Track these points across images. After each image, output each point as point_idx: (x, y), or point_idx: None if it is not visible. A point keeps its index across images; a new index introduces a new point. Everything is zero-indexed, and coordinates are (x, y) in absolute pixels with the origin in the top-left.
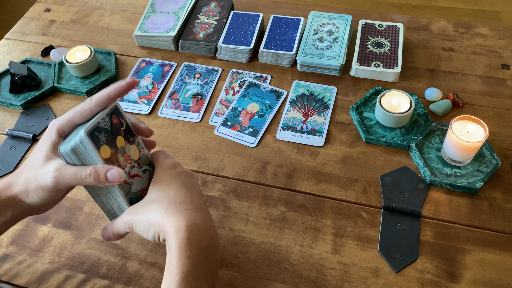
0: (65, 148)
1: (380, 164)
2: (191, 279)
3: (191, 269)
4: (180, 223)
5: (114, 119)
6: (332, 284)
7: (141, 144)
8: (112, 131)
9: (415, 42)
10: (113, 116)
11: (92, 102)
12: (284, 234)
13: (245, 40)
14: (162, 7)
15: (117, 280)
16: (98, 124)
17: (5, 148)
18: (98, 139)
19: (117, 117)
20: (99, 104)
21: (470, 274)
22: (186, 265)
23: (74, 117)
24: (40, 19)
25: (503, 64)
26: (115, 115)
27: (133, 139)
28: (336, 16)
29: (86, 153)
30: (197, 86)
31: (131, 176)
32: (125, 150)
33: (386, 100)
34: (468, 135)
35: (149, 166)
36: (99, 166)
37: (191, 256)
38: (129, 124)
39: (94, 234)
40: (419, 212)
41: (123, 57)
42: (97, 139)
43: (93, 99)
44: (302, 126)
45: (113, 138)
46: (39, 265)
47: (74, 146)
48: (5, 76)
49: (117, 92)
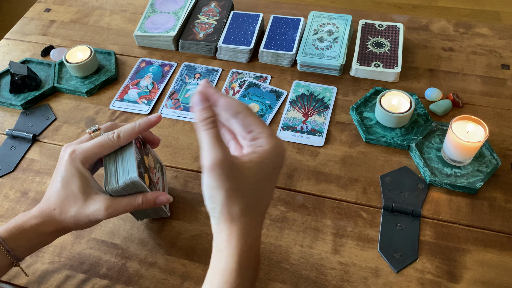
0: (114, 188)
1: (380, 164)
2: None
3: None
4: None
5: (137, 143)
6: (332, 284)
7: (149, 147)
8: (141, 156)
9: (415, 42)
10: (136, 141)
11: (121, 140)
12: (284, 234)
13: (245, 40)
14: (162, 7)
15: (117, 280)
16: (137, 159)
17: (5, 148)
18: (142, 174)
19: (138, 140)
20: (127, 141)
21: (470, 274)
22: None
23: (101, 151)
24: (40, 19)
25: (503, 64)
26: (136, 139)
27: (147, 150)
28: (336, 16)
29: (135, 188)
30: (197, 86)
31: (157, 182)
32: (150, 165)
33: (386, 100)
34: (468, 135)
35: (158, 163)
36: (149, 195)
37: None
38: (143, 140)
39: (94, 234)
40: (419, 212)
41: (123, 57)
42: (142, 174)
43: (122, 137)
44: (302, 126)
45: (144, 162)
46: (39, 265)
47: (124, 186)
48: (5, 76)
49: (146, 127)
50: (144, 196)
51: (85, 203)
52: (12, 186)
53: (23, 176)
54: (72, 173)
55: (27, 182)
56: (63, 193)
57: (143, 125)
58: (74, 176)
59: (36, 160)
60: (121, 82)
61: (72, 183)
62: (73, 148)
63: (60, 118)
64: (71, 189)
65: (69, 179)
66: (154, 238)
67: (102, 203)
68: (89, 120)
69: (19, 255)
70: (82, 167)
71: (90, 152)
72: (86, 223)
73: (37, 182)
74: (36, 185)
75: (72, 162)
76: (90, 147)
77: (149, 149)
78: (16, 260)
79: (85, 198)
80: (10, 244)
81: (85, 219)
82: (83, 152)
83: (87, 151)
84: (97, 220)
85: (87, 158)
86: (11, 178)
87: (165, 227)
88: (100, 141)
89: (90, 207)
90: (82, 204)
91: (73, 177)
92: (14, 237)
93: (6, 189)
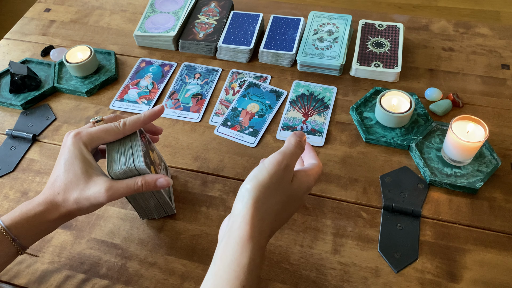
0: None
1: (380, 164)
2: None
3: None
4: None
5: (142, 138)
6: (332, 284)
7: (153, 145)
8: (147, 149)
9: (415, 42)
10: (141, 136)
11: (126, 128)
12: (284, 234)
13: (245, 40)
14: (162, 7)
15: (117, 280)
16: (142, 150)
17: (5, 148)
18: (148, 164)
19: (143, 135)
20: (133, 130)
21: (470, 274)
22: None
23: (105, 137)
24: (40, 19)
25: (503, 64)
26: (141, 134)
27: (152, 146)
28: (336, 16)
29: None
30: (197, 86)
31: None
32: (155, 160)
33: (386, 100)
34: (468, 135)
35: (163, 162)
36: (148, 177)
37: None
38: (147, 136)
39: (94, 234)
40: (419, 212)
41: (123, 57)
42: (148, 164)
43: (127, 125)
44: (302, 126)
45: (149, 155)
46: (39, 265)
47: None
48: (5, 76)
49: (151, 118)
50: (144, 178)
51: (86, 185)
52: (12, 186)
53: (23, 176)
54: (75, 154)
55: (27, 182)
56: (66, 176)
57: (148, 115)
58: (76, 158)
59: (36, 160)
60: (121, 82)
61: (75, 165)
62: (78, 130)
63: (60, 118)
64: (74, 171)
65: (72, 161)
66: (154, 238)
67: (103, 185)
68: (89, 120)
69: (25, 243)
70: (85, 149)
71: (95, 135)
72: (88, 206)
73: (37, 182)
74: (36, 185)
75: (76, 143)
76: (96, 130)
77: (154, 148)
78: (21, 248)
79: (87, 180)
80: (15, 232)
81: (86, 202)
82: (88, 134)
83: (91, 133)
84: (98, 203)
85: (91, 141)
86: (11, 178)
87: (165, 227)
88: (105, 127)
89: (91, 189)
90: (83, 186)
91: (76, 159)
92: (19, 225)
93: (6, 189)
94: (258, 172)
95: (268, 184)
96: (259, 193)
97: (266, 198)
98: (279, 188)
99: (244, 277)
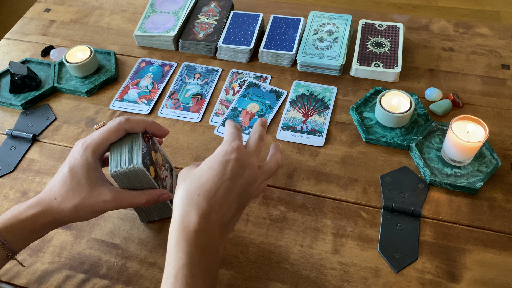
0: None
1: (380, 164)
2: (187, 275)
3: (187, 265)
4: (183, 216)
5: (145, 138)
6: (332, 284)
7: (158, 145)
8: (148, 150)
9: (415, 42)
10: (144, 136)
11: (129, 124)
12: (284, 234)
13: (245, 40)
14: (162, 7)
15: (117, 280)
16: (143, 150)
17: (5, 148)
18: (147, 164)
19: (145, 134)
20: (134, 128)
21: (470, 274)
22: (182, 259)
23: (109, 137)
24: (40, 19)
25: (503, 64)
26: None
27: (156, 147)
28: (336, 16)
29: (139, 178)
30: (197, 86)
31: (164, 179)
32: (158, 161)
33: (386, 100)
34: (468, 135)
35: (168, 163)
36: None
37: (188, 252)
38: (151, 136)
39: (94, 234)
40: (419, 212)
41: (123, 57)
42: (147, 165)
43: (130, 121)
44: (302, 126)
45: (150, 156)
46: (39, 265)
47: (127, 172)
48: (5, 76)
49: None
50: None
51: (90, 194)
52: (12, 186)
53: (23, 176)
54: (81, 163)
55: (27, 182)
56: (69, 183)
57: (152, 123)
58: (82, 166)
59: (36, 160)
60: (121, 82)
61: (79, 173)
62: (84, 139)
63: (60, 118)
64: (77, 179)
65: (78, 169)
66: (154, 238)
67: (107, 195)
68: (89, 120)
69: (14, 248)
70: (92, 157)
71: (99, 138)
72: (88, 214)
73: (37, 182)
74: (36, 185)
75: (84, 152)
76: (99, 134)
77: (159, 148)
78: (11, 253)
79: (91, 189)
80: (4, 236)
81: (87, 210)
82: (93, 141)
83: (96, 140)
84: (101, 211)
85: (97, 145)
86: (11, 178)
87: (165, 227)
88: (107, 126)
89: (94, 197)
90: (86, 195)
91: (82, 167)
92: (9, 228)
93: (6, 189)
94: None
95: (195, 171)
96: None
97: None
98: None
99: (173, 278)
